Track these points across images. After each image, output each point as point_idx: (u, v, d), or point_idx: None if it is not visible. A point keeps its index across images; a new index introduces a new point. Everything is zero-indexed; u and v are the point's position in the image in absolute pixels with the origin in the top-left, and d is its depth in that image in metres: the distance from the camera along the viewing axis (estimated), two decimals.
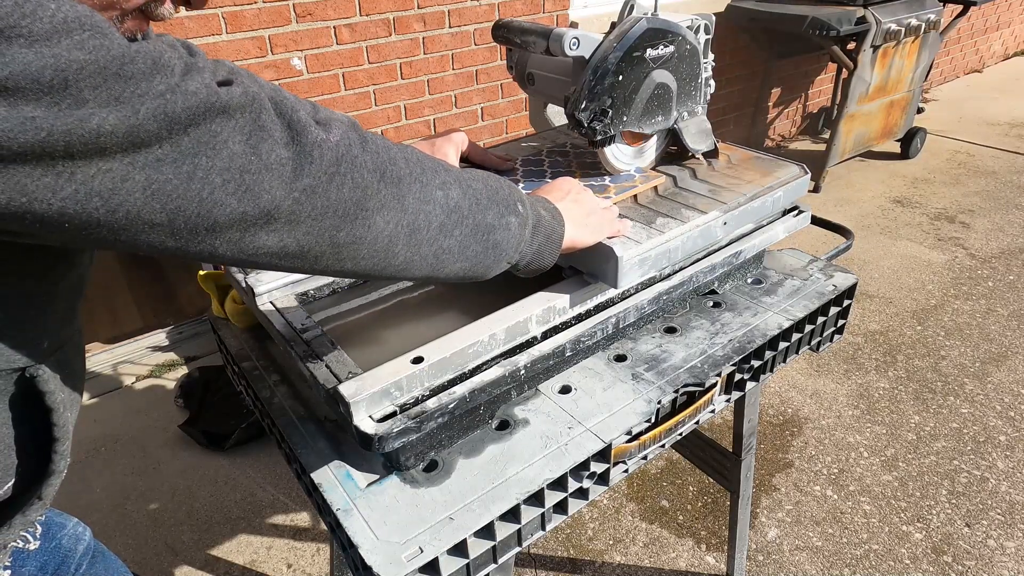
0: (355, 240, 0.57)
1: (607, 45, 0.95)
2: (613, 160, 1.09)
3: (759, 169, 1.13)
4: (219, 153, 0.48)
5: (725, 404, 1.00)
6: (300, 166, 0.52)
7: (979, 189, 3.75)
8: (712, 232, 0.98)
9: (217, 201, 0.48)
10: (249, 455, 2.10)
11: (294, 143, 0.52)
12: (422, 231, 0.62)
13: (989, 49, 5.95)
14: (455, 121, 2.85)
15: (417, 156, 0.64)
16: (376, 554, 0.68)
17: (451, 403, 0.76)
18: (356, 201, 0.56)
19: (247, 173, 0.49)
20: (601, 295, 0.91)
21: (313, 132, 0.54)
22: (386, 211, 0.58)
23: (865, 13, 3.21)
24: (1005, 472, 1.95)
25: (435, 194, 0.63)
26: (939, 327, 2.61)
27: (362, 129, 0.61)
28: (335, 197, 0.54)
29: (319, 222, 0.54)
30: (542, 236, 0.75)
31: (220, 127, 0.48)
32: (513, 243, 0.71)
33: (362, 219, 0.57)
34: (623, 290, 0.93)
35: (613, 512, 1.89)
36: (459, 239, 0.65)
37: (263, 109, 0.51)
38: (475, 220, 0.66)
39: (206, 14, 2.09)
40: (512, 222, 0.70)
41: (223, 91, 0.49)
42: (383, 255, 0.60)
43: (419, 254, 0.62)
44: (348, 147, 0.56)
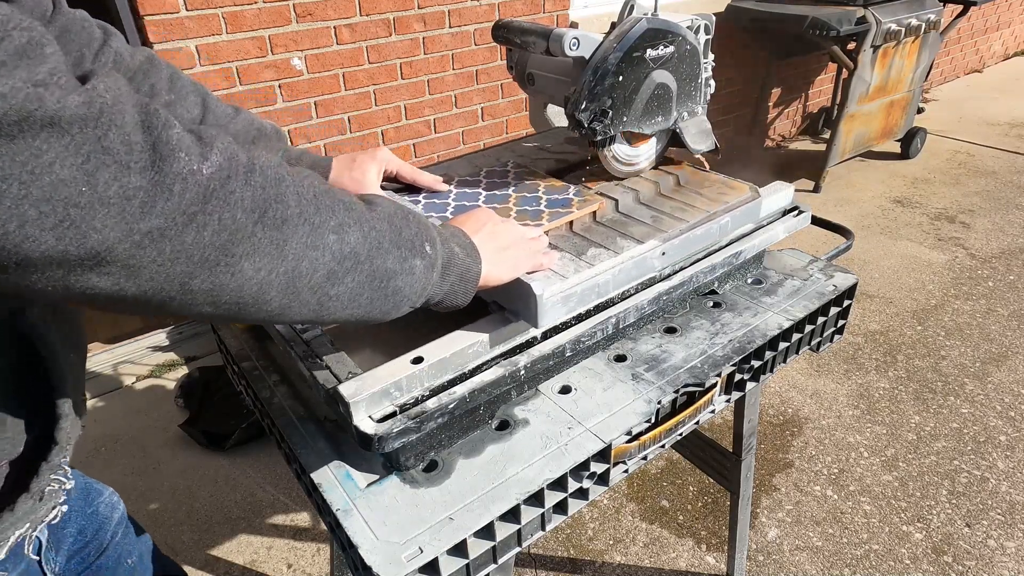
0: (214, 288, 0.48)
1: (607, 45, 0.95)
2: (614, 160, 1.09)
3: (709, 192, 1.09)
4: (38, 179, 0.37)
5: (725, 404, 1.00)
6: (151, 201, 0.42)
7: (979, 189, 3.75)
8: (648, 264, 0.92)
9: (28, 236, 0.38)
10: (249, 455, 2.10)
11: (152, 170, 0.42)
12: (303, 278, 0.53)
13: (989, 49, 5.95)
14: (455, 121, 2.85)
15: (315, 192, 0.54)
16: (376, 554, 0.68)
17: (451, 403, 0.76)
18: (220, 246, 0.46)
19: (74, 207, 0.39)
20: (522, 335, 0.83)
21: (181, 159, 0.44)
22: (258, 257, 0.49)
23: (865, 13, 3.21)
24: (1005, 472, 1.95)
25: (327, 239, 0.54)
26: (939, 327, 2.61)
27: (260, 153, 0.52)
28: (191, 241, 0.44)
29: (167, 268, 0.44)
30: (454, 276, 0.69)
31: (45, 144, 0.37)
32: (417, 287, 0.64)
33: (225, 265, 0.47)
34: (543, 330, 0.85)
35: (613, 512, 1.89)
36: (350, 287, 0.57)
37: (112, 125, 0.40)
38: (372, 266, 0.58)
39: (206, 14, 2.09)
40: (416, 266, 0.63)
41: (55, 97, 0.38)
42: (251, 303, 0.51)
43: (298, 301, 0.54)
44: (225, 180, 0.46)
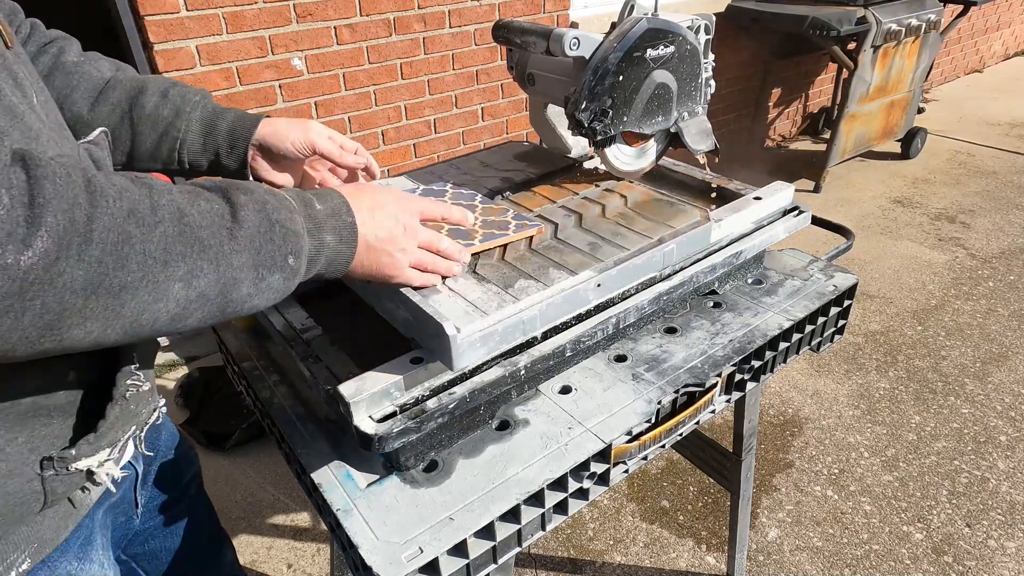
0: (41, 352, 0.46)
1: (607, 45, 0.95)
2: (614, 160, 1.09)
3: (656, 215, 1.04)
4: None
5: (725, 404, 1.00)
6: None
7: (979, 189, 3.75)
8: (582, 296, 0.86)
9: None
10: (249, 455, 2.10)
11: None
12: (144, 327, 0.51)
13: (989, 49, 5.95)
14: (455, 121, 2.85)
15: (165, 243, 0.49)
16: (376, 554, 0.68)
17: (451, 403, 0.76)
18: (44, 325, 0.44)
19: None
20: (438, 378, 0.78)
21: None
22: (91, 323, 0.46)
23: (865, 13, 3.21)
24: (1006, 472, 1.95)
25: (172, 289, 0.50)
26: (940, 327, 2.61)
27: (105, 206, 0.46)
28: (8, 327, 0.42)
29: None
30: (322, 264, 0.66)
31: None
32: (274, 297, 0.61)
33: (51, 337, 0.45)
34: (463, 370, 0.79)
35: (613, 512, 1.89)
36: (199, 318, 0.55)
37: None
38: (224, 299, 0.56)
39: (206, 14, 2.09)
40: (275, 281, 0.60)
41: None
42: (87, 348, 0.49)
43: (141, 338, 0.52)
44: (51, 264, 0.42)
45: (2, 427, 0.55)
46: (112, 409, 0.63)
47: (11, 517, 0.57)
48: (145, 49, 2.06)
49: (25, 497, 0.58)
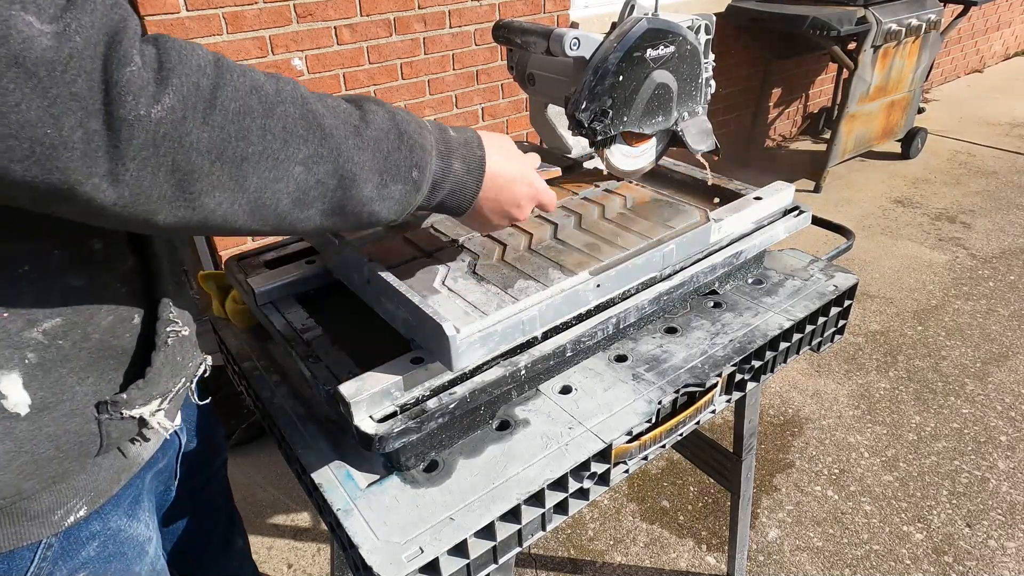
0: (178, 221, 0.49)
1: (607, 45, 0.95)
2: (614, 161, 1.09)
3: (655, 216, 1.04)
4: (5, 117, 0.39)
5: (726, 404, 1.00)
6: (104, 146, 0.43)
7: (980, 189, 3.75)
8: (581, 297, 0.86)
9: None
10: (249, 455, 2.10)
11: (105, 114, 0.42)
12: (268, 208, 0.53)
13: (990, 49, 5.95)
14: (455, 122, 2.85)
15: (285, 122, 0.52)
16: (376, 554, 0.68)
17: (451, 403, 0.76)
18: (175, 184, 0.47)
19: (39, 145, 0.40)
20: (439, 378, 0.78)
21: (128, 103, 0.43)
22: (218, 192, 0.49)
23: (866, 13, 3.21)
24: (1006, 472, 1.95)
25: (292, 171, 0.53)
26: (940, 327, 2.61)
27: (228, 79, 0.49)
28: (148, 183, 0.45)
29: (128, 209, 0.46)
30: (446, 191, 0.68)
31: (12, 84, 0.38)
32: (396, 209, 0.63)
33: (184, 201, 0.48)
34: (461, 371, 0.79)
35: (614, 512, 1.89)
36: (320, 209, 0.57)
37: (82, 71, 0.41)
38: (344, 194, 0.57)
39: (207, 14, 2.09)
40: (395, 191, 0.61)
41: (20, 34, 0.38)
42: (219, 226, 0.52)
43: (267, 224, 0.55)
44: (178, 122, 0.45)
45: (76, 367, 0.58)
46: (156, 356, 0.65)
47: (71, 455, 0.59)
48: None
49: (83, 438, 0.60)
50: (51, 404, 0.56)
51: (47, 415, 0.56)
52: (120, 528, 0.69)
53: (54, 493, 0.60)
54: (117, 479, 0.67)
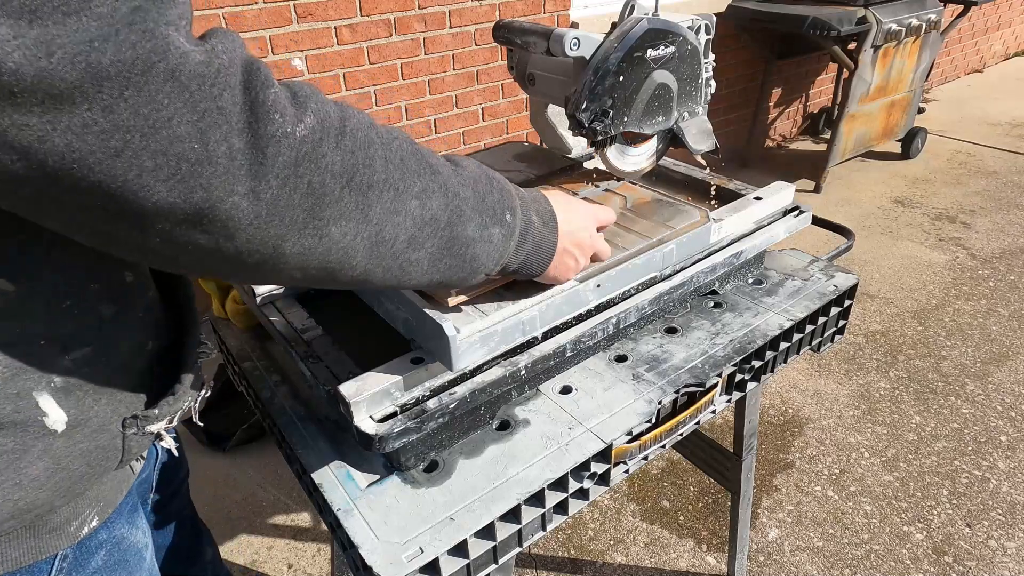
0: (303, 251, 0.49)
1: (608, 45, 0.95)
2: (614, 161, 1.09)
3: (655, 216, 1.03)
4: (157, 133, 0.39)
5: (726, 404, 1.00)
6: (248, 164, 0.43)
7: (980, 189, 3.75)
8: (582, 297, 0.86)
9: (144, 185, 0.40)
10: (250, 455, 2.10)
11: (249, 131, 0.43)
12: (387, 244, 0.54)
13: (990, 49, 5.95)
14: (455, 121, 2.85)
15: (402, 156, 0.55)
16: (377, 554, 0.68)
17: (451, 403, 0.76)
18: (308, 208, 0.47)
19: (185, 162, 0.41)
20: (439, 378, 0.78)
21: (276, 121, 0.44)
22: (344, 221, 0.50)
23: (866, 13, 3.21)
24: (1006, 472, 1.95)
25: (409, 204, 0.55)
26: (940, 327, 2.61)
27: (351, 113, 0.52)
28: (284, 203, 0.46)
29: (262, 230, 0.46)
30: (530, 245, 0.69)
31: (167, 99, 0.39)
32: (494, 255, 0.65)
33: (313, 228, 0.48)
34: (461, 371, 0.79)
35: (614, 512, 1.89)
36: (430, 251, 0.58)
37: (227, 87, 0.42)
38: (452, 233, 0.59)
39: (207, 14, 2.09)
40: (495, 234, 0.63)
41: (178, 51, 0.39)
42: (337, 267, 0.52)
43: (381, 266, 0.55)
44: (316, 143, 0.47)
45: (102, 382, 0.58)
46: (186, 376, 0.67)
47: (95, 470, 0.60)
48: None
49: (108, 453, 0.61)
50: (83, 421, 0.57)
51: (80, 431, 0.57)
52: (124, 535, 0.69)
53: (72, 505, 0.61)
54: (121, 488, 0.68)
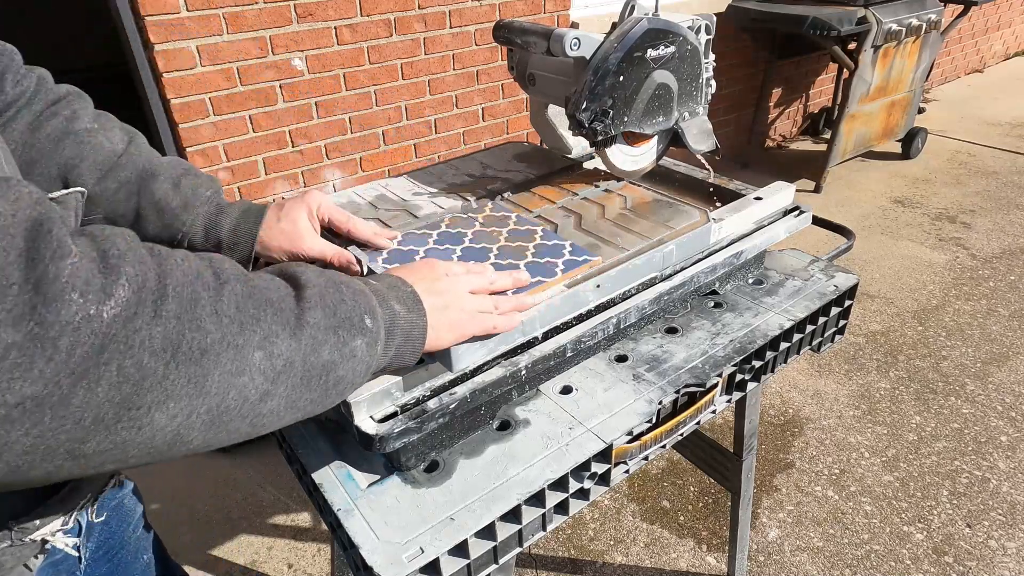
0: (115, 447, 0.39)
1: (608, 45, 0.95)
2: (614, 161, 1.09)
3: (655, 216, 1.03)
4: None
5: (726, 404, 1.00)
6: (27, 363, 0.33)
7: (980, 189, 3.75)
8: (582, 298, 0.86)
9: None
10: (250, 455, 2.10)
11: (29, 319, 0.33)
12: (232, 411, 0.46)
13: (990, 49, 5.95)
14: (455, 122, 2.85)
15: (236, 302, 0.46)
16: (377, 554, 0.68)
17: (452, 403, 0.76)
18: (120, 401, 0.38)
19: None
20: (439, 378, 0.77)
21: (74, 303, 0.35)
22: (173, 402, 0.41)
23: (866, 13, 3.21)
24: (1006, 472, 1.95)
25: (252, 358, 0.46)
26: (940, 327, 2.61)
27: (173, 264, 0.43)
28: (79, 403, 0.36)
29: (45, 440, 0.36)
30: (399, 338, 0.62)
31: None
32: (362, 369, 0.57)
33: (128, 420, 0.39)
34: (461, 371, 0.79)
35: (614, 512, 1.89)
36: (286, 397, 0.50)
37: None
38: (307, 368, 0.51)
39: (206, 14, 2.09)
40: (358, 347, 0.55)
41: None
42: (165, 449, 0.43)
43: (226, 431, 0.47)
44: (130, 318, 0.38)
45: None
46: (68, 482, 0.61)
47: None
48: (145, 49, 2.06)
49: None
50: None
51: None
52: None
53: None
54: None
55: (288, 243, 0.83)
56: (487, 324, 0.73)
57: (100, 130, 0.79)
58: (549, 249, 0.90)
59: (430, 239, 0.94)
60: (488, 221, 0.98)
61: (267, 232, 0.84)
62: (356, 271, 0.85)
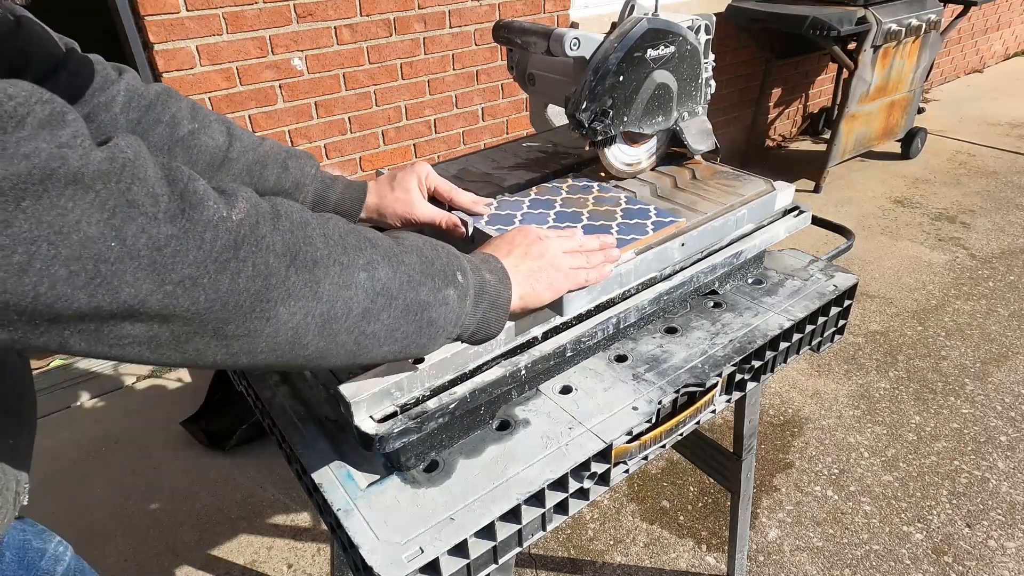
0: (250, 333, 0.47)
1: (608, 45, 0.95)
2: (614, 160, 1.09)
3: (723, 185, 1.10)
4: (67, 238, 0.37)
5: (726, 404, 1.00)
6: (182, 251, 0.42)
7: (980, 189, 3.75)
8: (668, 254, 0.93)
9: (61, 295, 0.38)
10: (250, 455, 2.10)
11: (181, 218, 0.42)
12: (340, 319, 0.53)
13: (990, 49, 5.95)
14: (455, 121, 2.85)
15: (339, 232, 0.55)
16: (377, 554, 0.68)
17: (452, 403, 0.76)
18: (255, 292, 0.46)
19: (103, 262, 0.39)
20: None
21: (211, 207, 0.44)
22: (293, 300, 0.49)
23: (866, 13, 3.21)
24: (1006, 472, 1.95)
25: (357, 277, 0.54)
26: (940, 327, 2.61)
27: (282, 200, 0.53)
28: (226, 288, 0.45)
29: (201, 316, 0.44)
30: (486, 303, 0.67)
31: (71, 202, 0.37)
32: (452, 317, 0.63)
33: (260, 311, 0.47)
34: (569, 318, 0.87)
35: (614, 512, 1.89)
36: (386, 323, 0.57)
37: (136, 179, 0.41)
38: (406, 299, 0.58)
39: (206, 14, 2.09)
40: (450, 295, 0.62)
41: (77, 155, 0.38)
42: (288, 348, 0.51)
43: (335, 343, 0.54)
44: (254, 225, 0.47)
45: None
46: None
47: None
48: (145, 49, 2.06)
49: None
50: None
51: None
52: None
53: None
54: None
55: (403, 209, 0.93)
56: (580, 279, 0.79)
57: (201, 129, 0.85)
58: (636, 212, 0.99)
59: (523, 205, 1.01)
60: (573, 189, 1.06)
61: (383, 200, 0.93)
62: (462, 232, 0.94)
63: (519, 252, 0.75)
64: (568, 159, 1.20)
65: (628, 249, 0.89)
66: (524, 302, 0.73)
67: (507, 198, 1.03)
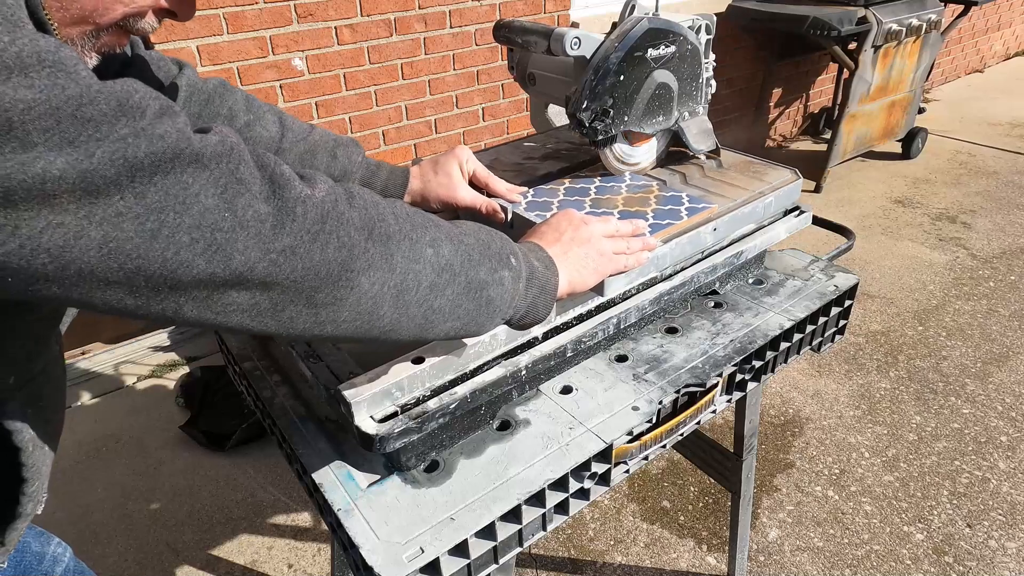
0: (336, 301, 0.53)
1: (608, 45, 0.95)
2: (614, 160, 1.09)
3: (750, 173, 1.13)
4: (189, 208, 0.43)
5: (726, 404, 0.99)
6: (280, 224, 0.48)
7: (980, 189, 3.75)
8: (701, 239, 0.98)
9: (183, 261, 0.43)
10: (250, 455, 2.10)
11: (275, 197, 0.48)
12: (411, 291, 0.57)
13: (990, 49, 5.95)
14: (456, 121, 2.85)
15: (406, 211, 0.60)
16: (377, 554, 0.68)
17: (452, 403, 0.76)
18: (341, 262, 0.52)
19: (219, 231, 0.45)
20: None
21: (297, 186, 0.50)
22: (373, 271, 0.54)
23: (866, 13, 3.21)
24: (1006, 473, 1.95)
25: (425, 252, 0.59)
26: (940, 327, 2.61)
27: (352, 185, 0.58)
28: (318, 258, 0.50)
29: (298, 284, 0.50)
30: (536, 288, 0.71)
31: (192, 178, 0.43)
32: (507, 298, 0.67)
33: (346, 280, 0.52)
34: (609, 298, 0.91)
35: (614, 512, 1.89)
36: (451, 298, 0.61)
37: (242, 160, 0.47)
38: (467, 277, 0.62)
39: (207, 14, 2.09)
40: (505, 276, 0.67)
41: (197, 138, 0.45)
42: (367, 317, 0.55)
43: (407, 315, 0.58)
44: (335, 203, 0.52)
45: None
46: None
47: None
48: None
49: None
50: None
51: None
52: None
53: None
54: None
55: (445, 193, 0.96)
56: (620, 263, 0.84)
57: (256, 121, 0.91)
58: (669, 199, 1.02)
59: (559, 192, 1.04)
60: (606, 178, 1.09)
61: (427, 185, 0.97)
62: (501, 218, 0.97)
63: (567, 238, 0.79)
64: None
65: (664, 235, 0.94)
66: (572, 287, 0.77)
67: (543, 186, 1.06)
